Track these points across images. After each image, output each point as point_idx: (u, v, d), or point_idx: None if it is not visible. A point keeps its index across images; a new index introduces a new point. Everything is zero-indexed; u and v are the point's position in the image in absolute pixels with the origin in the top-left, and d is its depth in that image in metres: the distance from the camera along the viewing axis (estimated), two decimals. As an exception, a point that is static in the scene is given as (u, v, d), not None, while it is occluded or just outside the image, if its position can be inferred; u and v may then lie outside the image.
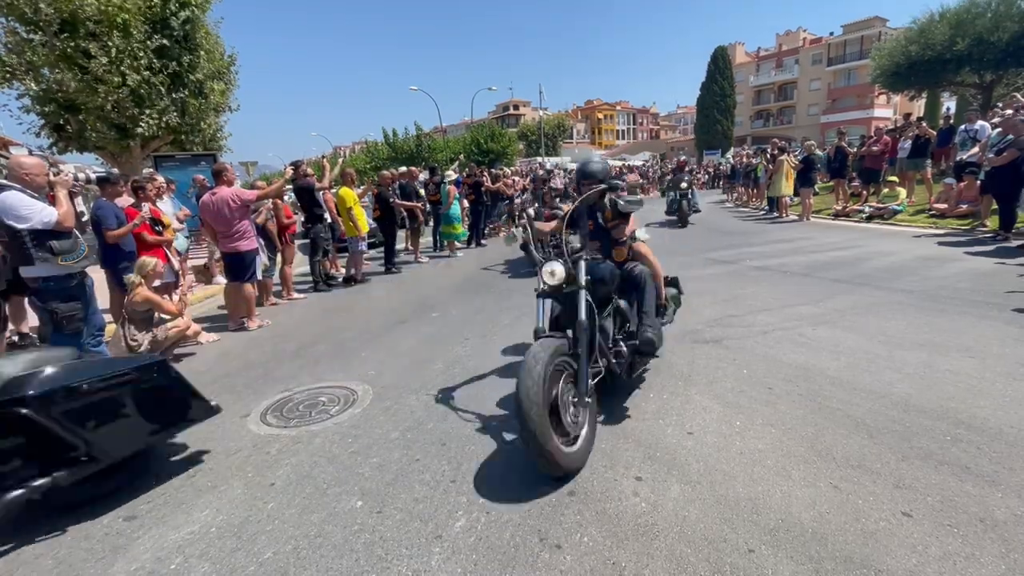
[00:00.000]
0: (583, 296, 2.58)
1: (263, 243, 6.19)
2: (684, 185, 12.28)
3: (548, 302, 2.82)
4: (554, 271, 2.61)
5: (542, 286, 2.72)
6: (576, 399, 2.49)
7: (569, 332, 2.63)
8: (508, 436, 2.82)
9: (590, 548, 1.95)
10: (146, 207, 5.30)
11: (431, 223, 10.93)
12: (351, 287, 7.70)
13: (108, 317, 4.96)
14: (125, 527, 2.27)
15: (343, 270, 8.31)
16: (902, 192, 10.47)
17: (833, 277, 5.92)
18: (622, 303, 3.05)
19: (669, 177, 16.12)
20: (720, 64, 46.12)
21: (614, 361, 2.85)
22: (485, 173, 12.32)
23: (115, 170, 9.83)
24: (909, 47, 18.50)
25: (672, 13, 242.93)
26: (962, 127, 9.40)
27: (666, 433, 2.75)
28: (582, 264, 2.67)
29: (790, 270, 6.50)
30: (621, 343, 2.97)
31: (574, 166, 29.15)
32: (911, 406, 2.83)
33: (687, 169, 16.23)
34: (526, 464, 2.46)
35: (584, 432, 2.50)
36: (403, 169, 10.78)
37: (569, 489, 2.31)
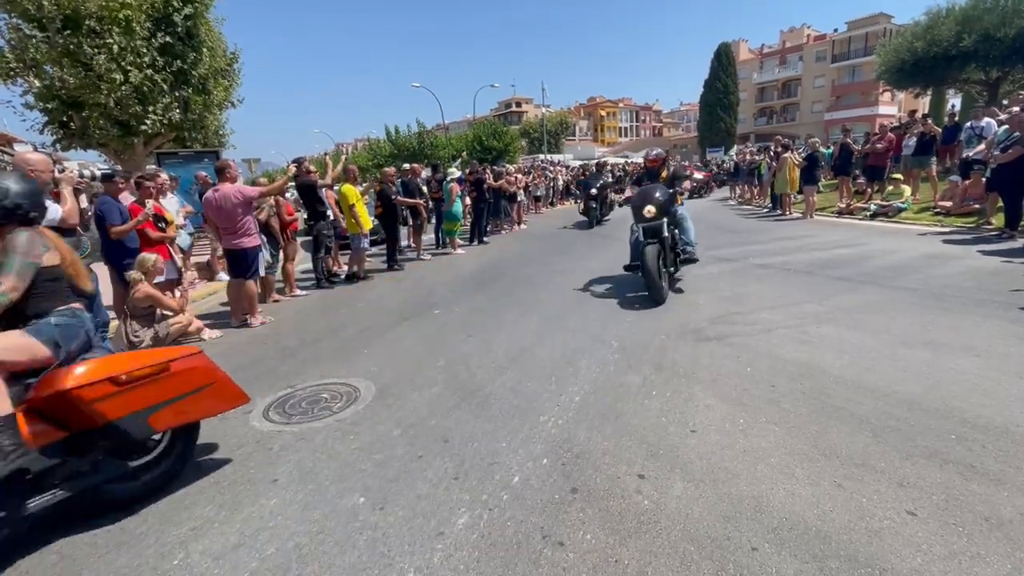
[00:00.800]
0: None
1: (266, 240, 6.19)
2: (652, 210, 5.34)
3: None
4: None
5: None
6: None
7: None
8: (508, 435, 2.82)
9: (593, 545, 1.94)
10: (149, 204, 5.31)
11: (433, 220, 10.94)
12: (354, 284, 7.70)
13: (112, 313, 4.97)
14: (128, 523, 2.28)
15: (346, 267, 8.32)
16: (907, 190, 10.40)
17: (837, 275, 5.89)
18: None
19: (621, 197, 7.31)
20: (723, 61, 45.86)
21: None
22: (488, 171, 12.30)
23: (118, 167, 9.87)
24: (915, 43, 18.41)
25: (674, 11, 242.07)
26: (968, 124, 9.34)
27: (669, 431, 2.74)
28: None
29: (793, 268, 6.48)
30: None
31: (576, 163, 29.15)
32: (915, 405, 2.82)
33: (667, 173, 6.37)
34: (528, 462, 2.51)
35: None
36: (406, 166, 10.78)
37: (572, 486, 2.31)
